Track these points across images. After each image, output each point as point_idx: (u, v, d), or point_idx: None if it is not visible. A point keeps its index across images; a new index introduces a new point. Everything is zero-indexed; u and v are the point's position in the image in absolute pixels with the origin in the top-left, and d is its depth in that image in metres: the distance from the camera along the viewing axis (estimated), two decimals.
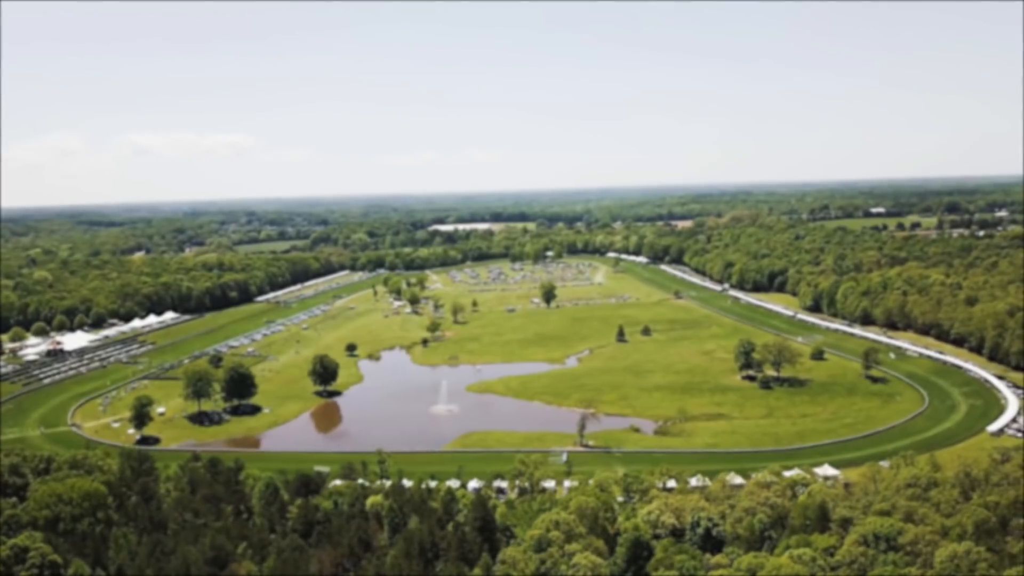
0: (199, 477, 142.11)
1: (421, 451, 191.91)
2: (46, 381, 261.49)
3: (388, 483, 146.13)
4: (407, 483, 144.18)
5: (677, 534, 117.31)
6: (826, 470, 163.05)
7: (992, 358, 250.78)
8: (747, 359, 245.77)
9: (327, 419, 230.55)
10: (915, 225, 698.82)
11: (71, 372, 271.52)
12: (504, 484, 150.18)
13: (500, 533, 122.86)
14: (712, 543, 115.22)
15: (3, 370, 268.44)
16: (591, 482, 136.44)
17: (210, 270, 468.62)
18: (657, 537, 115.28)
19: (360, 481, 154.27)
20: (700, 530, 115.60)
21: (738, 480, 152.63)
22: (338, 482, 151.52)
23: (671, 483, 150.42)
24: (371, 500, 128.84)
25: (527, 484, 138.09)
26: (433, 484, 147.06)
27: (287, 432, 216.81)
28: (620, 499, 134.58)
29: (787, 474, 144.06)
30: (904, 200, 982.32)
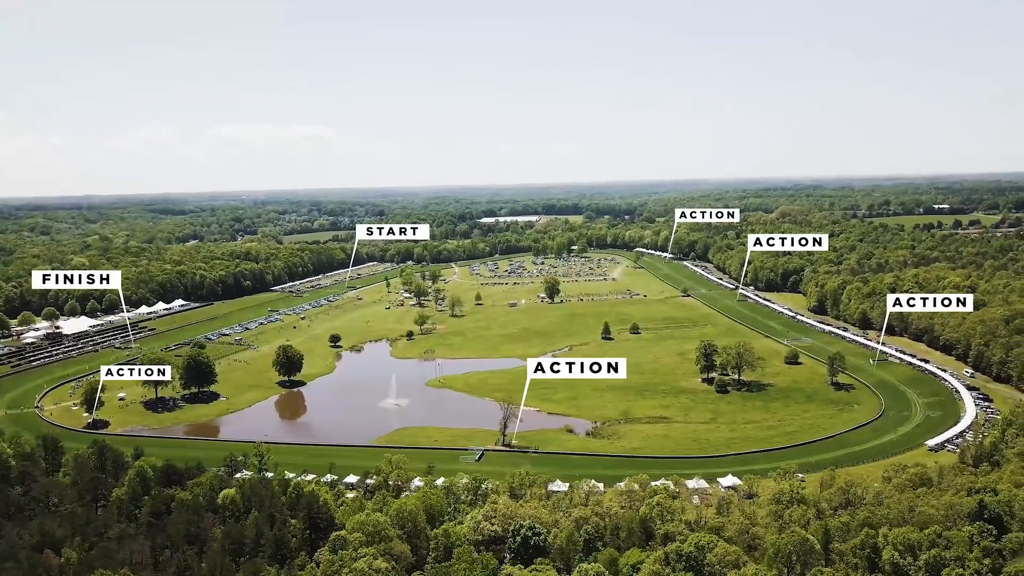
0: (85, 464, 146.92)
1: (347, 445, 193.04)
2: (35, 363, 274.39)
3: (261, 476, 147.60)
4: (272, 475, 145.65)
5: (499, 542, 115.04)
6: (729, 480, 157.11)
7: (977, 367, 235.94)
8: (708, 361, 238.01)
9: (279, 409, 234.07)
10: (973, 223, 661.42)
11: (61, 356, 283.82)
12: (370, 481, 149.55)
13: (336, 532, 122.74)
14: (532, 552, 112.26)
15: None
16: (440, 483, 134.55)
17: (235, 259, 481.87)
18: (476, 544, 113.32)
19: (262, 474, 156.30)
20: (519, 539, 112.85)
21: (634, 486, 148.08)
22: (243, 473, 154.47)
23: (557, 486, 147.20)
24: (224, 493, 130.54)
25: (385, 482, 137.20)
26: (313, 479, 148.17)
27: (235, 420, 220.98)
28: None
29: (689, 483, 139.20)
30: (976, 196, 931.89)
